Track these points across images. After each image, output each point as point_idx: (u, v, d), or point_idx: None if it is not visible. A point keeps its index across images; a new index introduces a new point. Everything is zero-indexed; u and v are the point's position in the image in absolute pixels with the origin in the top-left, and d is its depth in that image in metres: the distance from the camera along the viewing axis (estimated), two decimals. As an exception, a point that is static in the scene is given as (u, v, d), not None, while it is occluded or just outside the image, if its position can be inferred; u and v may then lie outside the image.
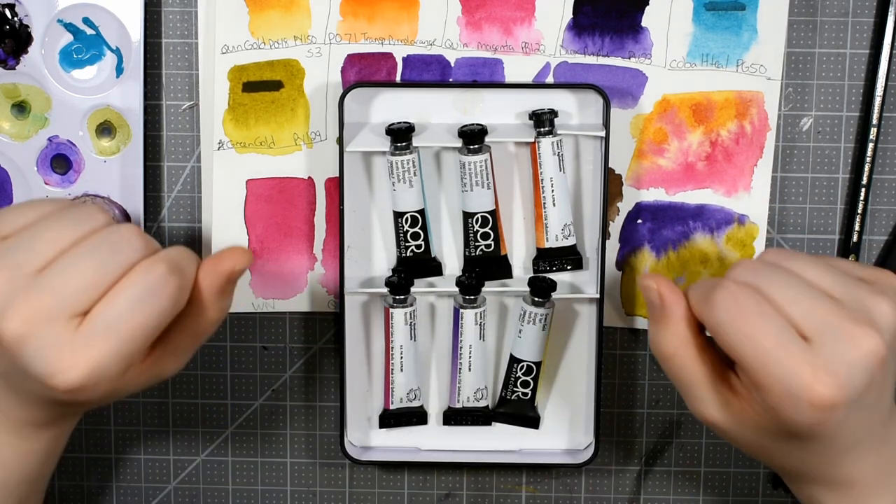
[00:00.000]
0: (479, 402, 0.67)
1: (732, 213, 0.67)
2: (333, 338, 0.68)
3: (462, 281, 0.65)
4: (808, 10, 0.66)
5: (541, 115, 0.64)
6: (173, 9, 0.66)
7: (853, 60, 0.66)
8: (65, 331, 0.50)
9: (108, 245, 0.51)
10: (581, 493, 0.70)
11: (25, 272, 0.50)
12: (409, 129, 0.64)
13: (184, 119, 0.67)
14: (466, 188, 0.64)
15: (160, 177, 0.67)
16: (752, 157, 0.66)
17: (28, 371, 0.50)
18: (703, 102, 0.66)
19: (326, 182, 0.66)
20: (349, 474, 0.70)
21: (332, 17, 0.65)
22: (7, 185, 0.66)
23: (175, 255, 0.53)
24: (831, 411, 0.51)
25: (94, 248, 0.51)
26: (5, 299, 0.50)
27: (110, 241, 0.52)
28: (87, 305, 0.50)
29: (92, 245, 0.51)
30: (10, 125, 0.66)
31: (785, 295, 0.52)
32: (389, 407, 0.67)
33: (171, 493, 0.70)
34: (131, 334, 0.51)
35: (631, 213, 0.67)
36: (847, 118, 0.67)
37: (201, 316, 0.55)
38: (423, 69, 0.65)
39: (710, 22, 0.65)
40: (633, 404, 0.69)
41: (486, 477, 0.70)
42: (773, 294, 0.52)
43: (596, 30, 0.65)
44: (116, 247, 0.51)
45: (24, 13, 0.64)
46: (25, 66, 0.65)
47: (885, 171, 0.67)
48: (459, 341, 0.65)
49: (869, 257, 0.68)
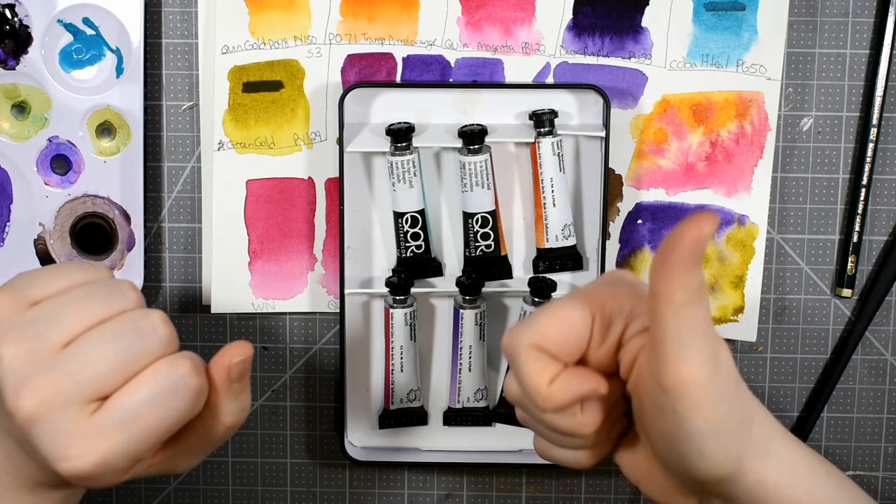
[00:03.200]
0: (479, 402, 0.67)
1: (732, 214, 0.67)
2: (333, 338, 0.68)
3: (462, 281, 0.65)
4: (808, 10, 0.66)
5: (541, 116, 0.64)
6: (173, 9, 0.66)
7: (853, 60, 0.66)
8: (79, 417, 0.48)
9: (134, 331, 0.50)
10: (581, 494, 0.70)
11: (48, 347, 0.49)
12: (409, 130, 0.64)
13: (184, 119, 0.67)
14: (466, 188, 0.64)
15: (160, 177, 0.67)
16: (752, 158, 0.66)
17: (36, 451, 0.49)
18: (703, 102, 0.66)
19: (326, 182, 0.66)
20: (349, 474, 0.70)
21: (332, 18, 0.65)
22: (7, 186, 0.66)
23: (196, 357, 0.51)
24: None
25: (119, 333, 0.49)
26: (24, 375, 0.48)
27: (137, 327, 0.50)
28: (105, 392, 0.49)
29: (118, 329, 0.49)
30: (10, 125, 0.66)
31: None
32: (389, 407, 0.67)
33: (171, 494, 0.70)
34: (146, 431, 0.49)
35: (631, 214, 0.67)
36: (847, 118, 0.67)
37: (216, 420, 0.53)
38: (423, 69, 0.65)
39: (710, 22, 0.65)
40: (633, 404, 0.69)
41: (486, 477, 0.70)
42: None
43: (596, 30, 0.65)
44: (142, 334, 0.50)
45: (24, 13, 0.64)
46: (25, 66, 0.65)
47: (885, 171, 0.67)
48: (459, 341, 0.65)
49: (869, 257, 0.68)
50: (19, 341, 0.49)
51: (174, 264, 0.68)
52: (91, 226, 0.66)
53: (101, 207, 0.66)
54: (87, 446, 0.48)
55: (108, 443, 0.49)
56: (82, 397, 0.48)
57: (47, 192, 0.66)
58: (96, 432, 0.48)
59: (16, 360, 0.49)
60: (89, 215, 0.66)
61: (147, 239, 0.67)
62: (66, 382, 0.48)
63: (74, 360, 0.49)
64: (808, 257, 0.68)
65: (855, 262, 0.67)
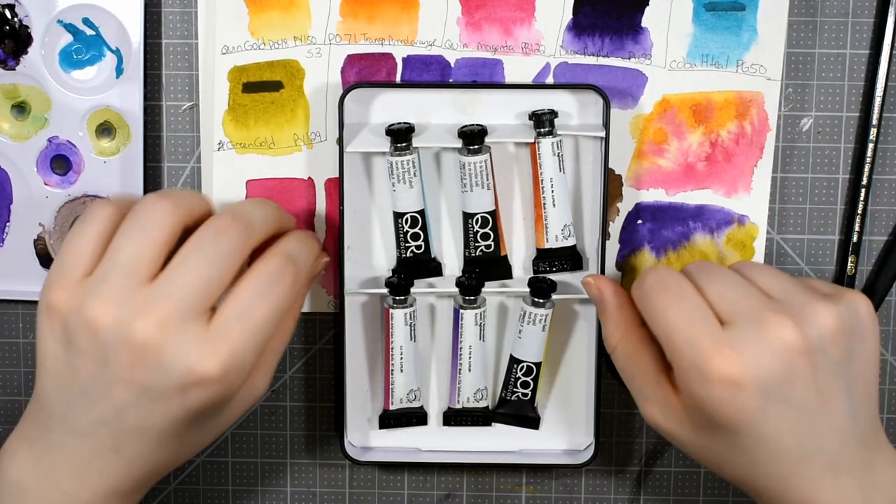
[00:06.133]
0: (479, 402, 0.67)
1: (732, 214, 0.67)
2: (333, 338, 0.68)
3: (462, 281, 0.65)
4: (808, 11, 0.66)
5: (541, 116, 0.64)
6: (173, 9, 0.66)
7: (853, 60, 0.66)
8: (198, 328, 0.52)
9: (211, 243, 0.54)
10: (581, 494, 0.70)
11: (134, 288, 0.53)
12: (408, 130, 0.64)
13: (184, 119, 0.67)
14: (466, 188, 0.64)
15: (160, 177, 0.67)
16: (752, 158, 0.66)
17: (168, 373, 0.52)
18: (702, 103, 0.66)
19: (326, 182, 0.66)
20: (349, 475, 0.70)
21: (332, 18, 0.65)
22: (7, 186, 0.66)
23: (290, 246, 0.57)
24: (736, 390, 0.51)
25: (199, 248, 0.54)
26: (127, 318, 0.52)
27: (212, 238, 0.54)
28: (212, 301, 0.53)
29: (196, 244, 0.54)
30: (9, 126, 0.66)
31: (714, 284, 0.55)
32: (389, 407, 0.67)
33: (171, 494, 0.70)
34: (262, 320, 0.54)
35: (631, 214, 0.67)
36: (847, 118, 0.67)
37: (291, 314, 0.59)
38: (423, 69, 0.65)
39: (710, 22, 0.65)
40: (633, 405, 0.69)
41: (486, 477, 0.70)
42: (703, 281, 0.55)
43: (596, 30, 0.65)
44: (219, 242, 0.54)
45: (24, 13, 0.64)
46: (25, 66, 0.65)
47: (885, 171, 0.67)
48: (459, 342, 0.65)
49: (869, 257, 0.68)
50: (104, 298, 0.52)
51: (174, 264, 0.68)
52: (91, 226, 0.66)
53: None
54: (216, 347, 0.52)
55: (233, 339, 0.53)
56: (194, 311, 0.53)
57: (47, 192, 0.66)
58: (219, 334, 0.53)
59: (112, 313, 0.52)
60: (89, 215, 0.66)
61: (147, 239, 0.67)
62: (171, 305, 0.52)
63: (170, 285, 0.53)
64: (808, 257, 0.67)
65: (855, 262, 0.67)
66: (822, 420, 0.53)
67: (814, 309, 0.53)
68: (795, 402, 0.52)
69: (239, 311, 0.53)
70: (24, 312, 0.68)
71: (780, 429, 0.53)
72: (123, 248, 0.53)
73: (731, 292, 0.54)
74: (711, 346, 0.52)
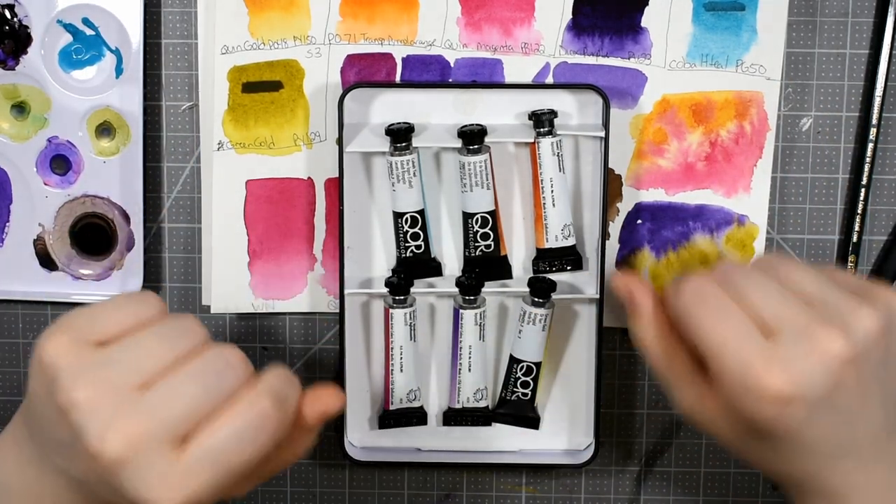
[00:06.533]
0: (479, 402, 0.67)
1: (732, 214, 0.67)
2: (333, 338, 0.68)
3: (462, 281, 0.65)
4: (807, 10, 0.66)
5: (540, 116, 0.64)
6: (173, 9, 0.66)
7: (853, 60, 0.66)
8: (168, 457, 0.49)
9: (213, 371, 0.51)
10: (581, 494, 0.70)
11: (125, 390, 0.49)
12: (408, 130, 0.64)
13: (183, 119, 0.67)
14: (466, 188, 0.64)
15: (160, 177, 0.67)
16: (751, 158, 0.66)
17: (123, 494, 0.50)
18: (702, 103, 0.66)
19: (326, 182, 0.66)
20: (349, 474, 0.70)
21: (332, 18, 0.65)
22: (7, 186, 0.66)
23: (278, 387, 0.52)
24: (786, 406, 0.51)
25: (199, 373, 0.50)
26: (106, 418, 0.49)
27: (215, 368, 0.51)
28: (188, 431, 0.50)
29: (197, 369, 0.51)
30: (9, 126, 0.66)
31: (753, 293, 0.53)
32: (389, 407, 0.67)
33: (171, 494, 0.70)
34: (232, 466, 0.50)
35: (631, 214, 0.67)
36: (847, 118, 0.67)
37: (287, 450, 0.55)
38: (423, 69, 0.65)
39: (710, 22, 0.65)
40: (632, 405, 0.69)
41: (486, 477, 0.70)
42: (741, 290, 0.53)
43: (595, 30, 0.65)
44: (221, 373, 0.51)
45: (24, 13, 0.64)
46: (25, 66, 0.65)
47: (885, 171, 0.67)
48: (459, 342, 0.65)
49: (869, 257, 0.68)
50: (94, 384, 0.49)
51: (174, 264, 0.68)
52: (91, 226, 0.66)
53: (100, 208, 0.66)
54: (179, 485, 0.49)
55: (198, 480, 0.49)
56: (169, 437, 0.49)
57: (47, 192, 0.66)
58: (186, 471, 0.49)
59: (93, 403, 0.49)
60: (89, 215, 0.66)
61: (147, 239, 0.67)
62: (152, 424, 0.49)
63: (157, 402, 0.49)
64: (808, 257, 0.67)
65: (855, 262, 0.67)
66: (860, 420, 0.53)
67: (858, 316, 0.52)
68: (840, 409, 0.52)
69: (212, 452, 0.50)
70: (24, 312, 0.68)
71: (823, 434, 0.53)
72: (144, 346, 0.51)
73: (770, 301, 0.53)
74: (762, 365, 0.51)
